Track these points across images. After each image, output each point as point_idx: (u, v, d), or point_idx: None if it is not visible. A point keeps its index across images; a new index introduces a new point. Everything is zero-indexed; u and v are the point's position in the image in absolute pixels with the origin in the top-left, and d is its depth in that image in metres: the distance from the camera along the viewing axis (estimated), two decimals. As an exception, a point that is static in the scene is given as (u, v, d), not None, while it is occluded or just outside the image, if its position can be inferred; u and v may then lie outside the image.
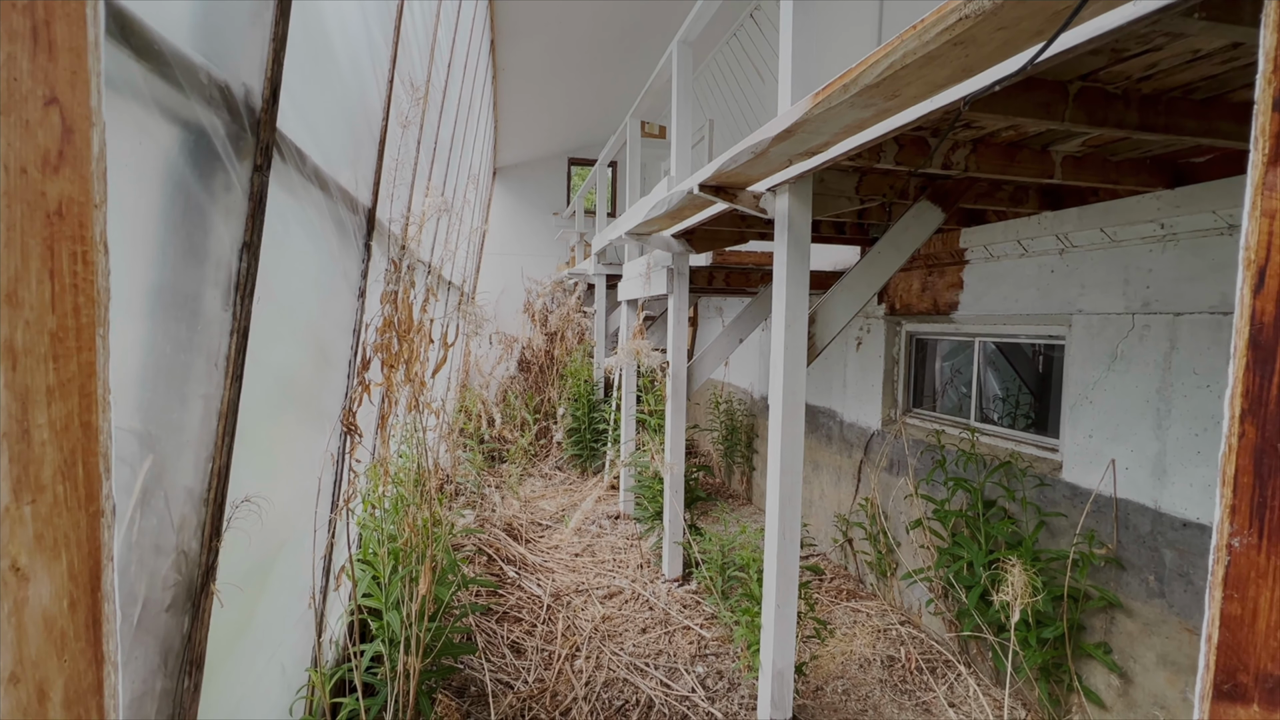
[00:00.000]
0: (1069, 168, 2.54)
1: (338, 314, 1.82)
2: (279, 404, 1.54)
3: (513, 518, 5.79)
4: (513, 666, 3.54)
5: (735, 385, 7.85)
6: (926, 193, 3.00)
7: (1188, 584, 2.58)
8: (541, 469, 8.03)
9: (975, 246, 3.77)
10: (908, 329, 4.64)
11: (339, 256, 1.79)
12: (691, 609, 4.28)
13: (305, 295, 1.63)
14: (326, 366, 1.82)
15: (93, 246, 0.46)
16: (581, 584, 4.61)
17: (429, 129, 3.25)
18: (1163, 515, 2.68)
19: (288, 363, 1.58)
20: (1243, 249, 0.72)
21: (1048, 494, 3.26)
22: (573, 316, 9.05)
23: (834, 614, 4.30)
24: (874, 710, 3.27)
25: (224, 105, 1.03)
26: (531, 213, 11.84)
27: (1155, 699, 2.69)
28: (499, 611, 4.12)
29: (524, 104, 9.39)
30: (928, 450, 4.10)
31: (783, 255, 2.71)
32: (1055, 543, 3.20)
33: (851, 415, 5.11)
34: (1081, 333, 3.13)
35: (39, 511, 0.42)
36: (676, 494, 4.61)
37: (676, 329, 4.48)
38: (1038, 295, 3.39)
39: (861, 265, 2.96)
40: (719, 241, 4.45)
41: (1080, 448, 3.10)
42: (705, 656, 3.70)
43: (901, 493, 4.36)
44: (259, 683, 1.55)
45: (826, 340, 2.89)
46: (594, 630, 3.95)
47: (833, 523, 5.17)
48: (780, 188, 2.72)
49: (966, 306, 3.91)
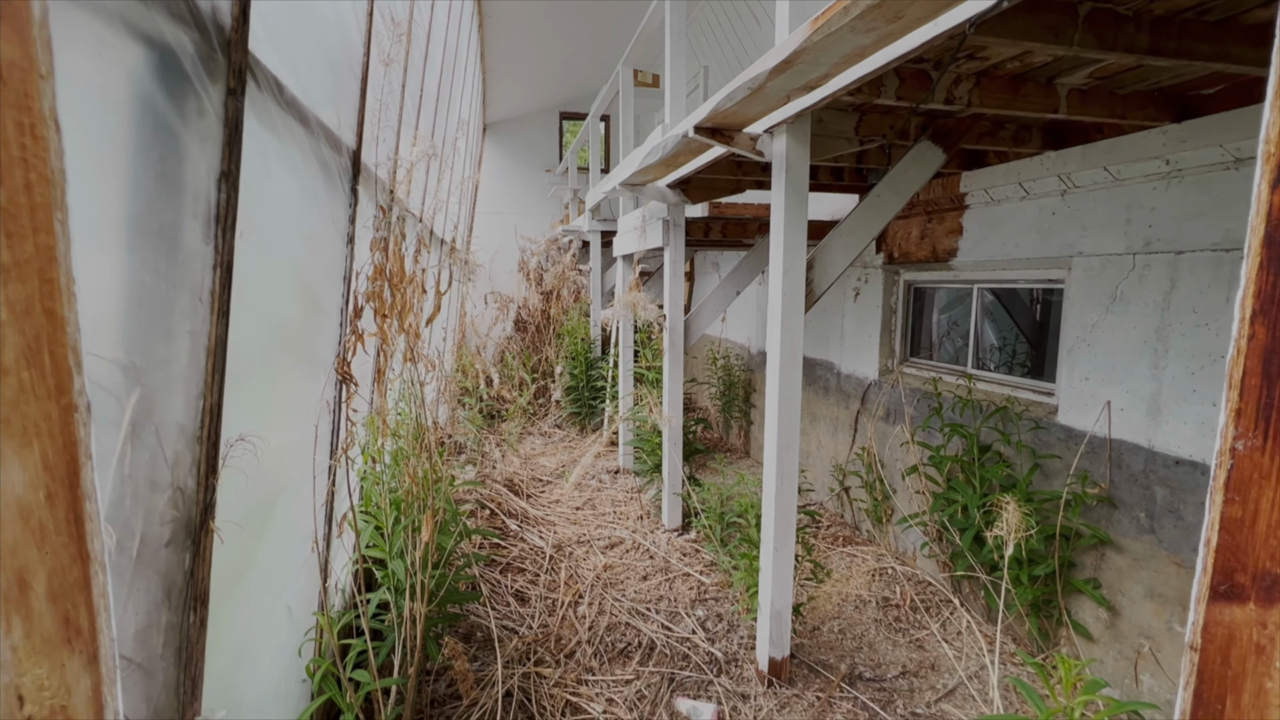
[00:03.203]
0: (1075, 102, 2.47)
1: (327, 260, 1.78)
2: (270, 348, 1.52)
3: (513, 474, 5.85)
4: (517, 614, 3.63)
5: (732, 341, 7.84)
6: (927, 133, 2.92)
7: (1178, 519, 2.62)
8: (541, 427, 8.08)
9: (975, 191, 3.70)
10: (906, 278, 4.61)
11: (325, 200, 1.73)
12: (691, 557, 4.36)
13: (291, 238, 1.59)
14: (318, 313, 1.79)
15: (41, 120, 0.43)
16: (583, 535, 4.68)
17: (413, 73, 3.14)
18: (1156, 454, 2.71)
19: (277, 307, 1.55)
20: (1262, 143, 0.69)
21: (1043, 437, 3.29)
22: (568, 274, 8.96)
23: (830, 559, 4.40)
24: (869, 647, 3.37)
25: (191, 21, 0.97)
26: (523, 170, 11.59)
27: (1142, 630, 2.77)
28: (502, 563, 4.20)
29: (512, 54, 9.08)
30: (924, 399, 4.11)
31: (780, 199, 2.65)
32: (1049, 484, 3.25)
33: (849, 366, 5.12)
34: (1081, 275, 3.10)
35: (3, 395, 0.40)
36: (675, 446, 4.65)
37: (673, 282, 4.43)
38: (1038, 239, 3.35)
39: (860, 209, 2.91)
40: (715, 191, 4.36)
41: (1076, 390, 3.11)
42: (705, 601, 3.79)
43: (898, 441, 4.40)
44: (266, 622, 1.58)
45: (824, 286, 2.86)
46: (596, 578, 4.03)
47: (830, 473, 5.23)
48: (778, 129, 2.64)
49: (966, 253, 3.87)
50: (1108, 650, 2.92)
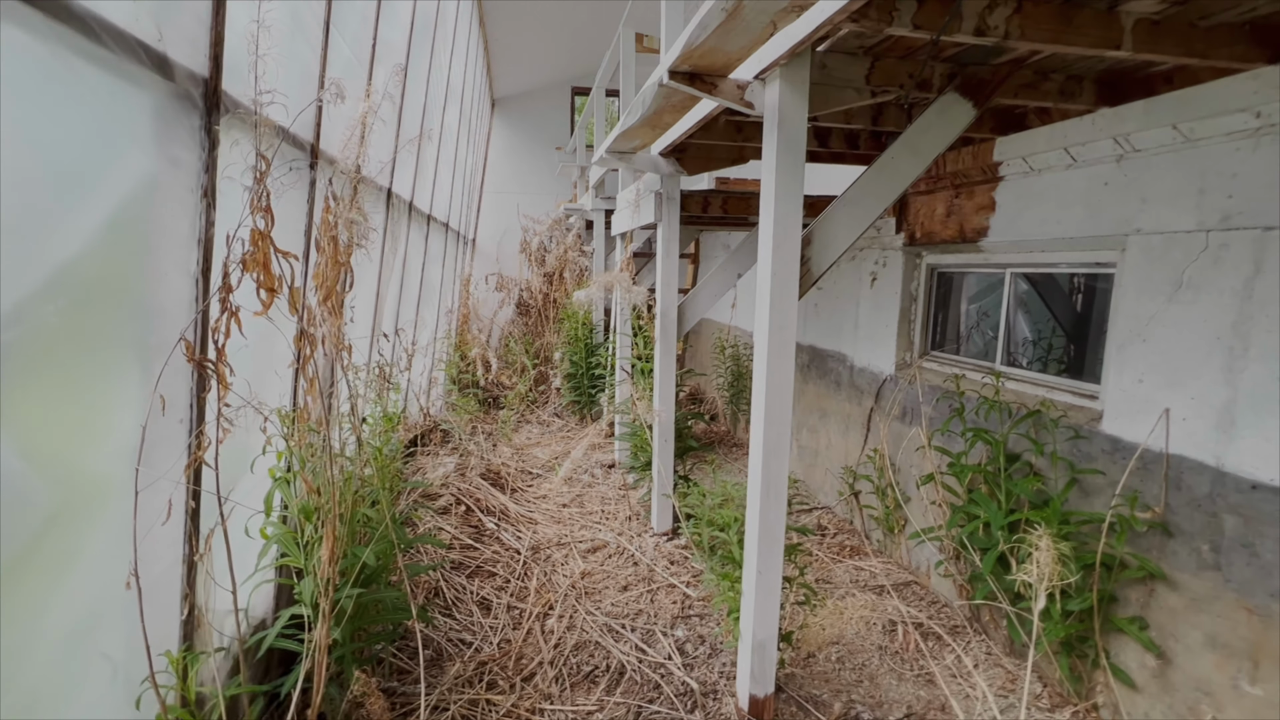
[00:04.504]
0: (1142, 35, 1.97)
1: (167, 219, 1.40)
2: (58, 326, 1.16)
3: (501, 465, 5.51)
4: (479, 625, 3.29)
5: (742, 329, 7.37)
6: (955, 83, 2.44)
7: (1252, 556, 2.15)
8: (540, 415, 7.74)
9: (1012, 159, 3.19)
10: (929, 261, 4.10)
11: (147, 135, 1.35)
12: (679, 565, 3.98)
13: (76, 186, 1.22)
14: (159, 284, 1.43)
15: None
16: (564, 537, 4.33)
17: (350, 15, 2.74)
18: (1226, 475, 2.22)
19: (67, 269, 1.19)
20: None
21: (1082, 448, 2.81)
22: (570, 256, 8.56)
23: (834, 572, 3.97)
24: (870, 680, 2.95)
25: None
26: (533, 147, 11.17)
27: (1198, 684, 2.31)
28: (471, 565, 3.86)
29: (518, 25, 8.62)
30: (945, 397, 3.64)
31: (771, 160, 2.21)
32: (1089, 504, 2.77)
33: (863, 359, 4.64)
34: (1138, 257, 2.59)
35: None
36: (666, 443, 4.25)
37: (666, 262, 4.00)
38: (1085, 214, 2.84)
39: (870, 174, 2.44)
40: (714, 161, 3.90)
41: (1126, 394, 2.62)
42: (688, 618, 3.40)
43: (914, 444, 3.93)
44: (64, 680, 1.24)
45: (824, 266, 2.42)
46: (572, 587, 3.68)
47: (839, 475, 4.78)
48: (770, 74, 2.19)
49: (998, 232, 3.36)
50: (1154, 703, 2.46)
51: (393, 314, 4.60)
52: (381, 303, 4.26)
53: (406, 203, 4.66)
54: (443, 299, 7.43)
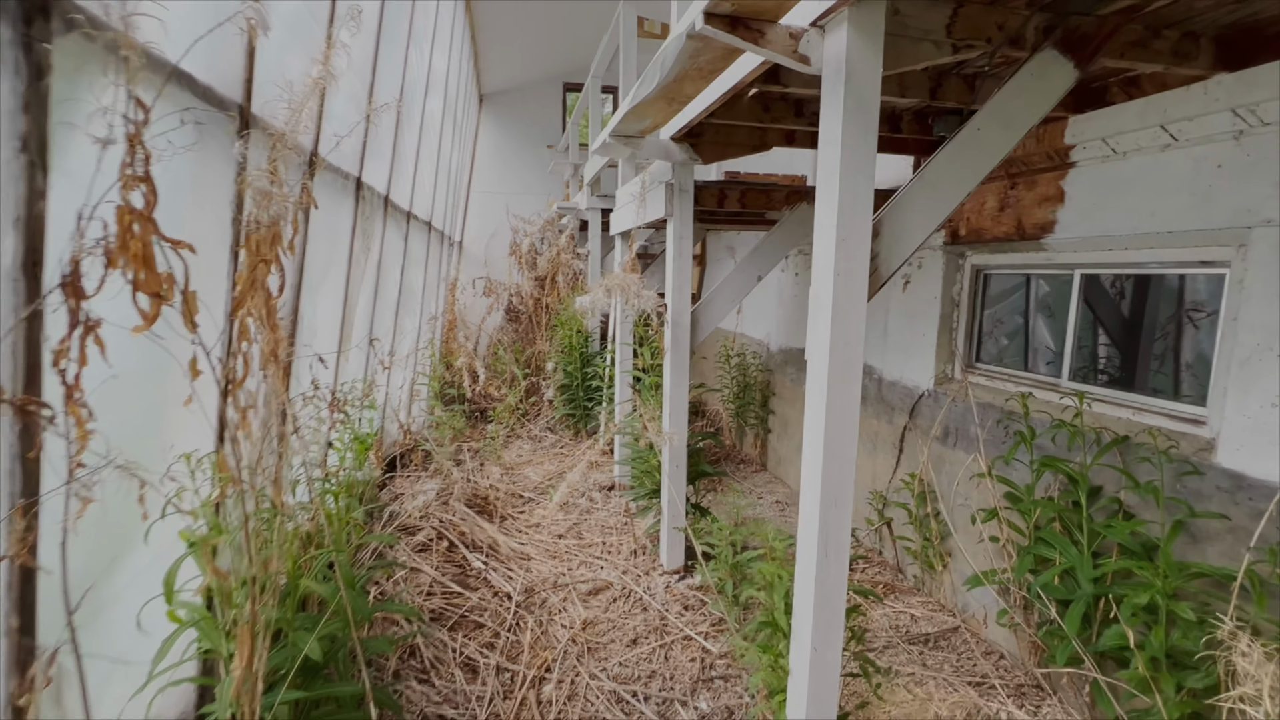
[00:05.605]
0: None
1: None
2: None
3: (489, 489, 4.97)
4: (463, 694, 2.75)
5: (749, 336, 6.89)
6: (1053, 37, 1.96)
7: None
8: (531, 430, 7.20)
9: (1089, 142, 2.73)
10: (974, 262, 3.64)
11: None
12: (694, 611, 3.46)
13: None
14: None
15: None
16: (561, 575, 3.80)
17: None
18: None
19: None
20: None
21: (1189, 484, 2.34)
22: (563, 258, 8.04)
23: (870, 618, 3.47)
24: (934, 764, 2.45)
25: None
26: (522, 145, 10.64)
27: (1370, 790, 1.83)
28: (455, 616, 3.33)
29: (507, 14, 8.11)
30: (1006, 418, 3.16)
31: (835, 129, 1.72)
32: (1200, 552, 2.30)
33: (894, 372, 4.16)
34: (1265, 254, 2.13)
35: None
36: (678, 469, 3.74)
37: (678, 262, 3.50)
38: (1190, 204, 2.38)
39: (948, 151, 1.96)
40: (733, 147, 3.42)
41: (1250, 421, 2.16)
42: (710, 681, 2.89)
43: (960, 468, 3.45)
44: None
45: (894, 265, 1.93)
46: (571, 641, 3.15)
47: (866, 499, 4.30)
48: (833, 19, 1.71)
49: (1068, 227, 2.90)
50: (1302, 807, 1.98)
51: (365, 322, 4.06)
52: (351, 310, 3.72)
53: (381, 196, 4.13)
54: (425, 305, 6.88)
